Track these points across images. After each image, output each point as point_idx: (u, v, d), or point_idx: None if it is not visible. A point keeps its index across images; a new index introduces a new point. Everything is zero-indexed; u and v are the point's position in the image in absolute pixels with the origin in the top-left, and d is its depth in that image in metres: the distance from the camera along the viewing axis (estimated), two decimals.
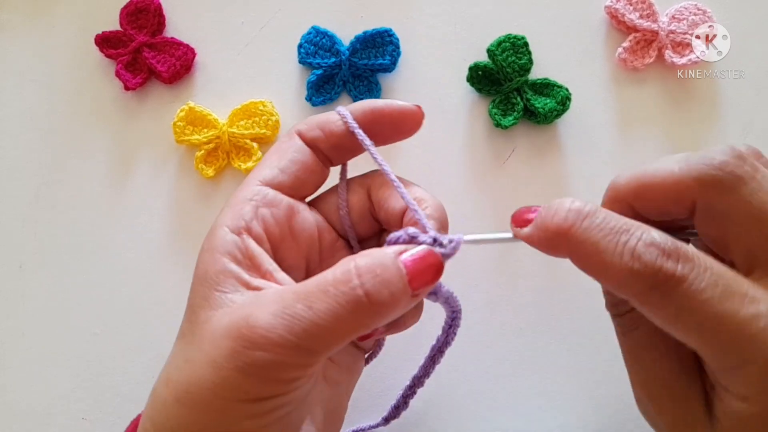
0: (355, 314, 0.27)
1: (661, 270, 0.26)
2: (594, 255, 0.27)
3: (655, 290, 0.26)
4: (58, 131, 0.51)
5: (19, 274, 0.49)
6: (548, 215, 0.28)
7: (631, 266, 0.26)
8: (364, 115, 0.34)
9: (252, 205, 0.32)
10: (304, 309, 0.26)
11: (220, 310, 0.28)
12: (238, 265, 0.30)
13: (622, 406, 0.43)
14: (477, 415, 0.44)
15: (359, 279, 0.27)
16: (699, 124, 0.48)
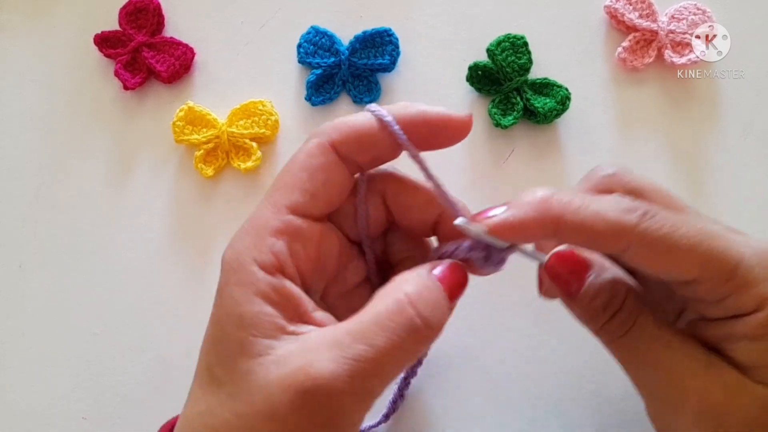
0: (415, 343, 0.27)
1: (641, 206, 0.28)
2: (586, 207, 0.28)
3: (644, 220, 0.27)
4: (57, 131, 0.51)
5: (19, 274, 0.49)
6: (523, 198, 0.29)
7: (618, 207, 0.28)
8: (410, 120, 0.30)
9: (284, 241, 0.29)
10: (366, 349, 0.26)
11: (261, 359, 0.27)
12: (274, 308, 0.28)
13: (622, 406, 0.44)
14: (477, 415, 0.44)
15: (414, 308, 0.27)
16: (699, 124, 0.48)
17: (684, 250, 0.27)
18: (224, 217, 0.49)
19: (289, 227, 0.29)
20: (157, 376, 0.46)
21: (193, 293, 0.47)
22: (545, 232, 0.28)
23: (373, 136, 0.30)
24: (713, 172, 0.47)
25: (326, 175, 0.30)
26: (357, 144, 0.30)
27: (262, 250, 0.28)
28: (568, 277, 0.31)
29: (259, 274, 0.28)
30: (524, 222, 0.28)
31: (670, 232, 0.27)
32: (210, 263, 0.48)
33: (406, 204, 0.32)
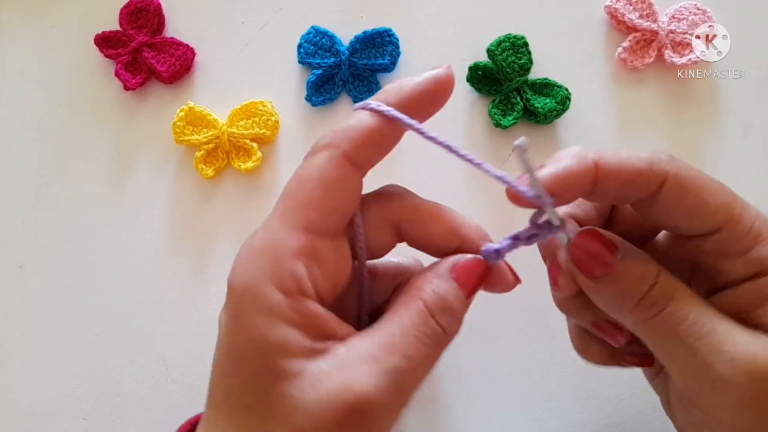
0: (438, 349, 0.28)
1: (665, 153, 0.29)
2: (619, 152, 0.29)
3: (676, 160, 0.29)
4: (58, 131, 0.51)
5: (19, 274, 0.49)
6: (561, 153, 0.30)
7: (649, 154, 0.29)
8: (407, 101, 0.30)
9: (303, 263, 0.27)
10: (402, 361, 0.27)
11: (295, 381, 0.26)
12: (299, 330, 0.27)
13: (622, 406, 0.44)
14: (477, 415, 0.44)
15: (434, 318, 0.28)
16: (699, 124, 0.48)
17: (713, 192, 0.28)
18: (224, 217, 0.49)
19: (307, 249, 0.28)
20: (157, 376, 0.46)
21: (193, 293, 0.47)
22: (587, 181, 0.29)
23: (383, 135, 0.29)
24: (713, 172, 0.46)
25: (342, 191, 0.28)
26: (370, 147, 0.29)
27: (281, 274, 0.27)
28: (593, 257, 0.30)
29: (280, 298, 0.27)
30: (568, 171, 0.29)
31: (699, 174, 0.29)
32: (210, 263, 0.48)
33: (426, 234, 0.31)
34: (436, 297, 0.29)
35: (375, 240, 0.31)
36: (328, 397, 0.25)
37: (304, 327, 0.27)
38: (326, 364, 0.26)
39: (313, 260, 0.28)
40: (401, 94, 0.30)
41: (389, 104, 0.29)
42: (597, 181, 0.29)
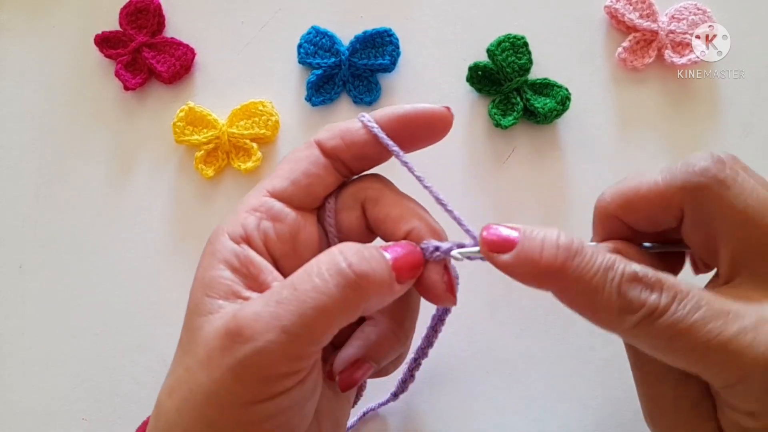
0: (342, 290, 0.26)
1: (645, 304, 0.26)
2: (585, 295, 0.27)
3: (640, 325, 0.26)
4: (58, 131, 0.51)
5: (19, 274, 0.49)
6: (534, 248, 0.27)
7: (619, 304, 0.26)
8: (390, 122, 0.32)
9: (256, 216, 0.31)
10: (288, 292, 0.26)
11: (210, 316, 0.28)
12: (234, 274, 0.29)
13: (622, 406, 0.44)
14: (477, 415, 0.44)
15: (343, 256, 0.27)
16: (699, 124, 0.48)
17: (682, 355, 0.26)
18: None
19: (263, 206, 0.31)
20: (157, 376, 0.46)
21: None
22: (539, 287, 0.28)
23: (354, 133, 0.31)
24: None
25: (307, 166, 0.31)
26: (340, 140, 0.31)
27: (234, 223, 0.30)
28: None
29: (225, 243, 0.30)
30: (523, 278, 0.28)
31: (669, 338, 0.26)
32: None
33: (381, 215, 0.32)
34: (356, 247, 0.28)
35: (345, 219, 0.33)
36: (219, 326, 0.27)
37: (240, 273, 0.29)
38: (239, 304, 0.28)
39: (268, 217, 0.31)
40: (390, 112, 0.32)
41: (376, 118, 0.32)
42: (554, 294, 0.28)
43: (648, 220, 0.30)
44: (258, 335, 0.26)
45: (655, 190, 0.29)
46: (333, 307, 0.26)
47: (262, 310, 0.26)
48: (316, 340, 0.27)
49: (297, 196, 0.31)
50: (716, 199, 0.28)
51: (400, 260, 0.29)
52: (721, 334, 0.26)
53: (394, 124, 0.32)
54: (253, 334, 0.26)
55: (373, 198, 0.32)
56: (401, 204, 0.32)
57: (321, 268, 0.27)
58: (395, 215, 0.31)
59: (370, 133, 0.31)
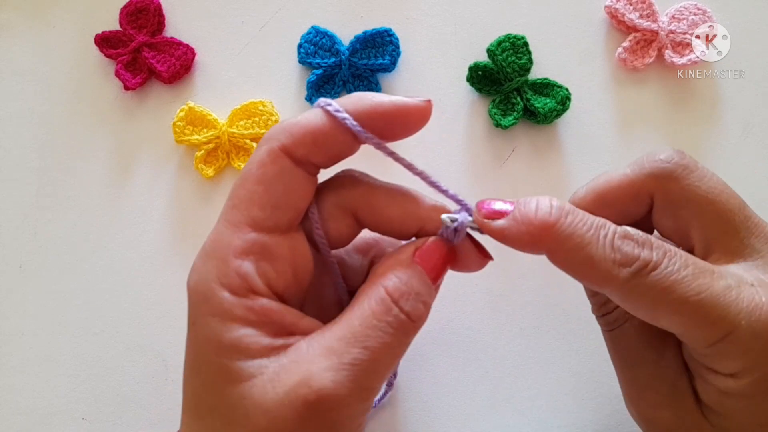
0: (404, 337, 0.27)
1: (639, 258, 0.27)
2: (579, 249, 0.27)
3: (635, 278, 0.27)
4: (57, 131, 0.51)
5: (19, 274, 0.49)
6: (529, 210, 0.28)
7: (613, 258, 0.27)
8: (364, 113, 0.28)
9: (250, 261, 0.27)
10: (361, 352, 0.26)
11: (253, 381, 0.26)
12: (255, 328, 0.26)
13: (622, 406, 0.43)
14: (477, 415, 0.44)
15: (397, 305, 0.27)
16: (699, 124, 0.48)
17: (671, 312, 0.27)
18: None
19: (253, 246, 0.27)
20: (157, 376, 0.46)
21: None
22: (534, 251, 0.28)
23: (326, 134, 0.28)
24: None
25: (284, 184, 0.28)
26: (312, 145, 0.28)
27: (227, 274, 0.27)
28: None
29: (229, 299, 0.26)
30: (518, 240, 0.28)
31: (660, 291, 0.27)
32: None
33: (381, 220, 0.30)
34: (399, 283, 0.28)
35: (334, 230, 0.30)
36: (285, 394, 0.25)
37: (260, 325, 0.27)
38: (286, 359, 0.26)
39: (262, 257, 0.27)
40: (360, 104, 0.28)
41: (346, 109, 0.28)
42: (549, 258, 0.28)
43: (621, 212, 0.31)
44: (344, 403, 0.25)
45: (625, 182, 0.31)
46: (400, 351, 0.28)
47: (339, 376, 0.25)
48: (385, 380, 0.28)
49: (283, 221, 0.28)
50: (682, 183, 0.30)
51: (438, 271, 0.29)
52: (710, 289, 0.27)
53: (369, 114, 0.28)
54: (339, 404, 0.25)
55: (365, 204, 0.30)
56: (395, 200, 0.30)
57: (382, 321, 0.27)
58: (396, 215, 0.30)
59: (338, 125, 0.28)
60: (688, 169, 0.30)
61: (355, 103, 0.28)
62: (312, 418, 0.25)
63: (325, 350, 0.26)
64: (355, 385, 0.25)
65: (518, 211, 0.28)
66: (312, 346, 0.26)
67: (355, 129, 0.28)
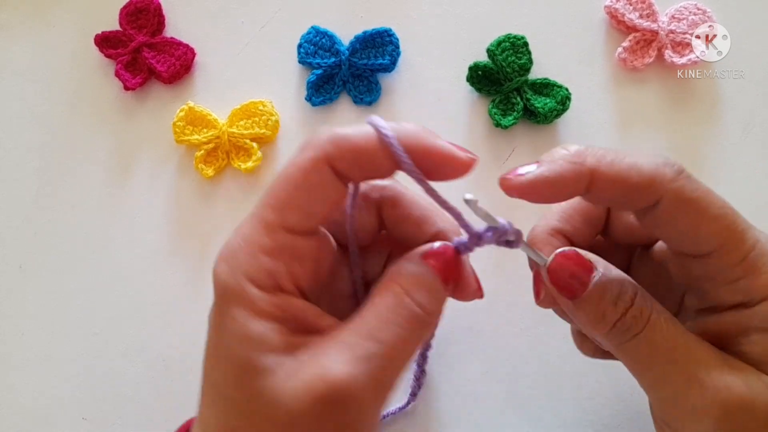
0: (418, 330, 0.27)
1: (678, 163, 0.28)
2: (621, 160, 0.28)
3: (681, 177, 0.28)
4: (57, 131, 0.51)
5: (19, 274, 0.49)
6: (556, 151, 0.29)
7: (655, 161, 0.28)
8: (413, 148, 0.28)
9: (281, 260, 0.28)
10: (374, 345, 0.26)
11: (273, 375, 0.26)
12: (279, 324, 0.27)
13: (622, 406, 0.44)
14: (476, 415, 0.44)
15: (410, 296, 0.27)
16: (699, 124, 0.48)
17: (711, 217, 0.28)
18: (224, 217, 0.49)
19: (284, 248, 0.28)
20: (157, 376, 0.46)
21: (193, 293, 0.47)
22: (580, 187, 0.28)
23: (372, 155, 0.28)
24: (713, 172, 0.47)
25: (321, 194, 0.28)
26: (354, 162, 0.28)
27: (258, 270, 0.27)
28: (571, 278, 0.30)
29: (257, 294, 0.27)
30: (560, 176, 0.28)
31: (702, 195, 0.28)
32: (210, 263, 0.47)
33: (401, 217, 0.31)
34: (411, 276, 0.28)
35: (360, 221, 0.31)
36: (302, 388, 0.25)
37: (284, 321, 0.27)
38: (304, 355, 0.27)
39: (292, 258, 0.28)
40: (411, 138, 0.28)
41: (399, 137, 0.28)
42: (590, 188, 0.28)
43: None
44: (359, 396, 0.25)
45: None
46: (414, 346, 0.28)
47: (355, 370, 0.25)
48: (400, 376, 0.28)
49: (313, 226, 0.29)
50: None
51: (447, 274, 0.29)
52: None
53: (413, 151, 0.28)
54: (353, 397, 0.25)
55: (391, 199, 0.31)
56: (421, 205, 0.31)
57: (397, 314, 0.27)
58: (417, 217, 0.31)
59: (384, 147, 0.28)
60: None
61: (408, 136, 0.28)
62: (328, 412, 0.25)
63: (340, 345, 0.26)
64: (370, 378, 0.26)
65: (547, 157, 0.29)
66: (328, 343, 0.27)
67: (402, 160, 0.28)
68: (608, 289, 0.30)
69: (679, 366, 0.29)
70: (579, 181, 0.28)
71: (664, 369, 0.29)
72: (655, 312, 0.29)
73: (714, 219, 0.28)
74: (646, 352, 0.29)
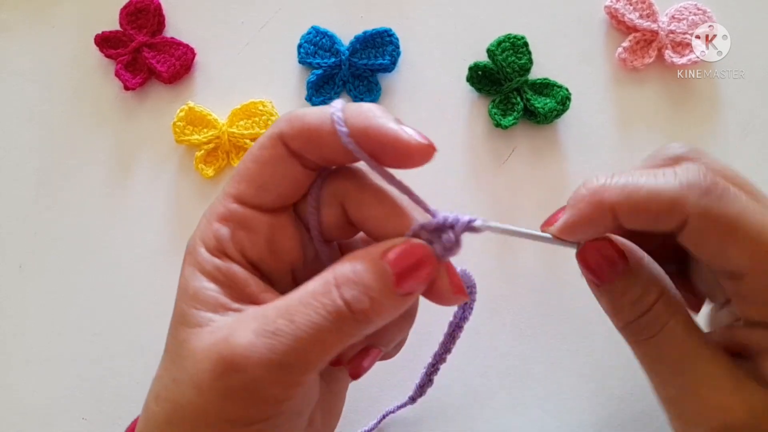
0: (338, 325, 0.26)
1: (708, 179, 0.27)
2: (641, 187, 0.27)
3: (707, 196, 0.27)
4: (57, 131, 0.51)
5: (19, 274, 0.49)
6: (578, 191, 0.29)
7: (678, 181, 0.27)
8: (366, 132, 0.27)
9: (228, 227, 0.29)
10: (285, 323, 0.26)
11: (198, 329, 0.28)
12: (219, 286, 0.28)
13: (622, 406, 0.44)
14: (477, 415, 0.44)
15: (338, 289, 0.26)
16: (699, 124, 0.48)
17: (742, 237, 0.26)
18: None
19: (233, 215, 0.29)
20: None
21: None
22: (607, 223, 0.28)
23: (321, 137, 0.28)
24: None
25: (275, 169, 0.29)
26: (306, 142, 0.28)
27: (207, 234, 0.29)
28: (599, 267, 0.30)
29: (204, 255, 0.29)
30: (583, 219, 0.28)
31: (734, 215, 0.26)
32: None
33: (368, 215, 0.30)
34: (348, 271, 0.27)
35: (324, 217, 0.30)
36: (209, 347, 0.26)
37: (223, 285, 0.29)
38: (228, 319, 0.28)
39: (240, 227, 0.29)
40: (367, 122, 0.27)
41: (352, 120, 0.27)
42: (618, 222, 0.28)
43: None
44: (253, 367, 0.25)
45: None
46: (331, 340, 0.26)
47: (257, 340, 0.25)
48: (312, 369, 0.27)
49: (267, 201, 0.29)
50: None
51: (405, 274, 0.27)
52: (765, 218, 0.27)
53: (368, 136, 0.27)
54: (247, 366, 0.25)
55: (354, 198, 0.30)
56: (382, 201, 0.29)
57: (318, 301, 0.26)
58: (379, 215, 0.29)
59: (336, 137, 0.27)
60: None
61: (362, 119, 0.28)
62: (223, 373, 0.26)
63: (259, 316, 0.27)
64: (270, 354, 0.25)
65: (571, 200, 0.29)
66: (253, 312, 0.27)
67: (350, 146, 0.27)
68: (630, 289, 0.29)
69: (685, 380, 0.29)
70: (603, 218, 0.28)
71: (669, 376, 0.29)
72: (674, 320, 0.29)
73: (745, 240, 0.26)
74: (654, 356, 0.30)
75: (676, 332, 0.29)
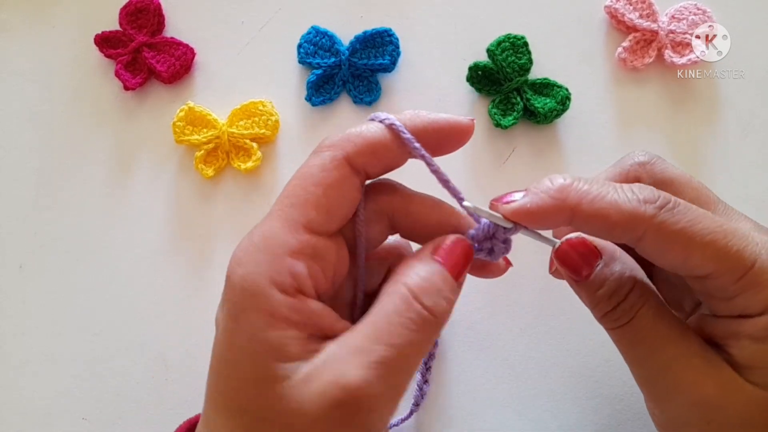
0: (428, 333, 0.28)
1: (660, 196, 0.29)
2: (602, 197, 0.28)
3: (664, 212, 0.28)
4: (57, 131, 0.51)
5: (19, 274, 0.49)
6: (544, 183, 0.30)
7: (636, 198, 0.28)
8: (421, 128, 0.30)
9: (303, 261, 0.28)
10: (387, 349, 0.26)
11: (290, 381, 0.26)
12: (297, 329, 0.27)
13: (621, 406, 0.44)
14: (476, 415, 0.44)
15: (418, 300, 0.27)
16: (699, 124, 0.48)
17: (698, 246, 0.28)
18: (224, 217, 0.49)
19: (306, 247, 0.28)
20: (157, 376, 0.46)
21: (193, 293, 0.47)
22: (561, 220, 0.29)
23: (386, 146, 0.29)
24: (713, 172, 0.47)
25: (341, 191, 0.29)
26: (371, 156, 0.29)
27: (280, 272, 0.27)
28: (576, 264, 0.32)
29: (279, 298, 0.27)
30: (541, 209, 0.29)
31: (687, 226, 0.28)
32: (210, 263, 0.48)
33: (418, 225, 0.32)
34: (419, 279, 0.28)
35: (371, 233, 0.32)
36: (318, 394, 0.26)
37: (302, 327, 0.27)
38: (318, 360, 0.27)
39: (313, 259, 0.28)
40: (418, 120, 0.30)
41: (403, 124, 0.30)
42: (572, 221, 0.29)
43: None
44: (374, 404, 0.26)
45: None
46: (426, 346, 0.28)
47: (369, 375, 0.26)
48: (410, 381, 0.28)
49: (334, 225, 0.29)
50: None
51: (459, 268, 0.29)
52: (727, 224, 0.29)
53: (422, 132, 0.30)
54: (368, 403, 0.26)
55: (403, 210, 0.32)
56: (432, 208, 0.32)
57: (406, 318, 0.27)
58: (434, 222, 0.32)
59: (395, 138, 0.30)
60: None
61: (412, 119, 0.30)
62: (344, 417, 0.25)
63: (353, 350, 0.26)
64: (383, 382, 0.26)
65: (534, 187, 0.30)
66: (341, 347, 0.27)
67: (411, 144, 0.29)
68: (606, 281, 0.31)
69: (657, 360, 0.30)
70: (559, 215, 0.29)
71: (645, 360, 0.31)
72: (647, 306, 0.31)
73: (702, 247, 0.28)
74: (630, 339, 0.31)
75: (648, 316, 0.31)
